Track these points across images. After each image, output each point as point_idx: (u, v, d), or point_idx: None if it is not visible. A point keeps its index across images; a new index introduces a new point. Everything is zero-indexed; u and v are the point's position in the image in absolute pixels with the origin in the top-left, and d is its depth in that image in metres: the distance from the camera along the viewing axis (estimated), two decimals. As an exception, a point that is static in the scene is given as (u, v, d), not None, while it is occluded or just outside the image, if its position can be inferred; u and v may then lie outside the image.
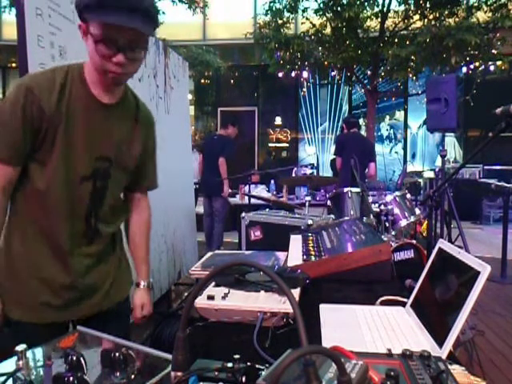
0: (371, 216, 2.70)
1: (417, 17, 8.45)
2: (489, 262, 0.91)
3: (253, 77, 12.03)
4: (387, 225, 2.83)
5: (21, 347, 0.79)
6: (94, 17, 1.06)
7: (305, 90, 11.40)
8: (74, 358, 0.76)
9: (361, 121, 10.05)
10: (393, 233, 2.82)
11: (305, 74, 9.53)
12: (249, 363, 0.72)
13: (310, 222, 2.38)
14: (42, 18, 1.88)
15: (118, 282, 1.38)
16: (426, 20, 8.32)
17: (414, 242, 2.50)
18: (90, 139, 1.21)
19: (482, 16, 8.07)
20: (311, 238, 1.88)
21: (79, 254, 1.26)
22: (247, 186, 4.56)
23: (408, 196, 3.13)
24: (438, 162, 7.28)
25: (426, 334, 1.01)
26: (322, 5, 8.42)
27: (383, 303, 1.30)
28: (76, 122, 1.18)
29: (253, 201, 4.21)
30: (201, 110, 12.44)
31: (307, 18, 8.81)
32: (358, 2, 8.11)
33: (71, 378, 0.71)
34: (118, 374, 0.78)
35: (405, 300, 1.25)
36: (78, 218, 1.24)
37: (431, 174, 8.31)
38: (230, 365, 0.70)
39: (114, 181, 1.28)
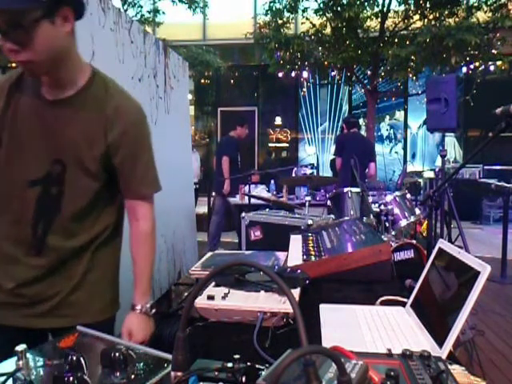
0: (371, 216, 2.70)
1: (417, 17, 8.45)
2: (489, 262, 0.91)
3: (253, 77, 12.04)
4: (387, 225, 2.82)
5: (21, 347, 0.79)
6: None
7: (305, 89, 11.40)
8: (74, 358, 0.76)
9: (361, 121, 10.04)
10: (393, 233, 2.81)
11: (305, 74, 9.53)
12: (249, 363, 0.71)
13: (310, 222, 2.37)
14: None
15: (73, 301, 1.21)
16: (425, 20, 8.33)
17: (414, 242, 2.49)
18: (38, 140, 1.12)
19: (482, 16, 8.08)
20: (311, 237, 1.87)
21: (26, 264, 1.17)
22: (247, 185, 4.56)
23: (408, 196, 3.12)
24: (438, 162, 7.28)
25: (426, 334, 1.01)
26: (322, 5, 8.43)
27: (383, 303, 1.30)
28: (24, 123, 1.12)
29: (253, 201, 4.20)
30: (201, 110, 12.46)
31: (307, 18, 8.82)
32: (358, 2, 8.12)
33: (71, 378, 0.71)
34: (117, 373, 0.78)
35: (405, 300, 1.25)
36: (24, 226, 1.15)
37: (431, 174, 8.31)
38: (230, 365, 0.70)
39: (71, 187, 1.15)
